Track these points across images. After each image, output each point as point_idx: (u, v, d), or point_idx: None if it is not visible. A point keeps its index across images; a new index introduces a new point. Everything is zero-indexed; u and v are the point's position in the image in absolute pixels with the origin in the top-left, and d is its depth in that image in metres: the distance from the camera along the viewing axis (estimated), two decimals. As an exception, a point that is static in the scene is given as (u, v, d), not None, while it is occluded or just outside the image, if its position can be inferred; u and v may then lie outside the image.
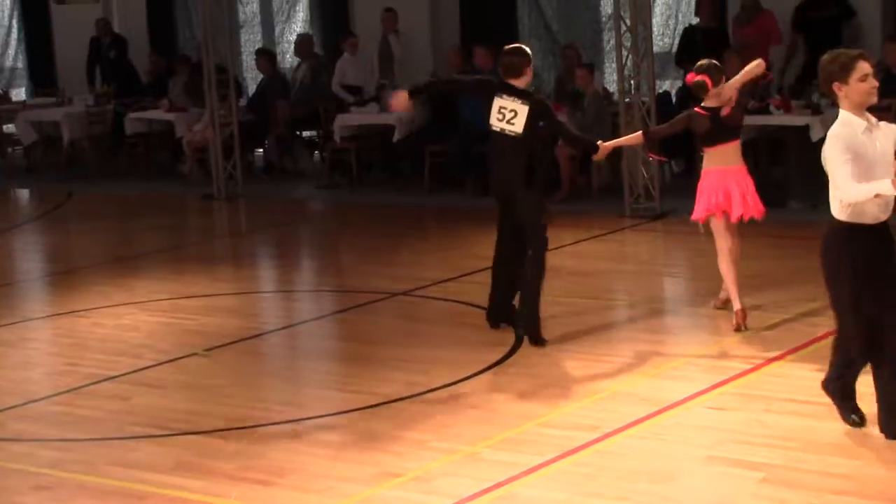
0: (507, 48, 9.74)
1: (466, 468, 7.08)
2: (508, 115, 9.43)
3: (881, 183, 6.55)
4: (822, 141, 6.95)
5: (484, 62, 16.00)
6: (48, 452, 7.70)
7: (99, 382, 9.00)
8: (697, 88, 9.64)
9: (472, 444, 7.39)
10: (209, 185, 16.84)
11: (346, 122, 16.89)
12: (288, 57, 19.70)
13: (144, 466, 7.36)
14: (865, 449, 6.95)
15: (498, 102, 9.50)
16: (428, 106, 16.56)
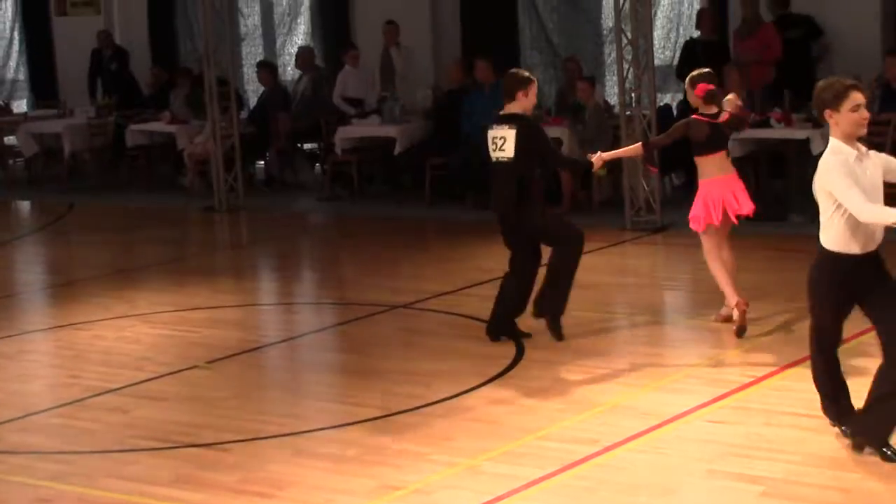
0: (506, 73, 9.81)
1: (467, 481, 7.07)
2: (499, 142, 9.53)
3: (893, 211, 6.50)
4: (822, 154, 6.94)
5: (485, 75, 16.02)
6: (48, 465, 7.70)
7: (99, 395, 9.00)
8: (711, 97, 9.74)
9: (472, 456, 7.39)
10: (210, 197, 16.85)
11: (347, 134, 16.90)
12: (289, 69, 19.70)
13: (144, 479, 7.35)
14: (865, 462, 6.95)
15: (490, 134, 9.61)
16: (431, 120, 16.61)
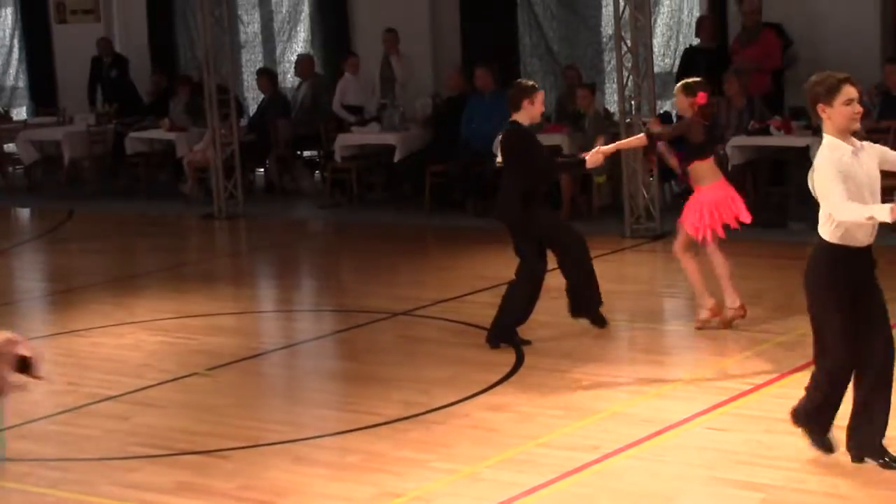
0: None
1: (466, 488, 7.07)
2: (497, 150, 9.91)
3: (879, 207, 6.44)
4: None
5: (484, 83, 16.03)
6: (48, 472, 7.69)
7: (99, 402, 8.99)
8: (712, 106, 9.96)
9: (472, 464, 7.39)
10: (210, 204, 16.86)
11: (346, 141, 16.91)
12: (289, 77, 19.72)
13: (144, 486, 7.35)
14: (866, 469, 6.94)
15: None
16: (430, 127, 16.62)
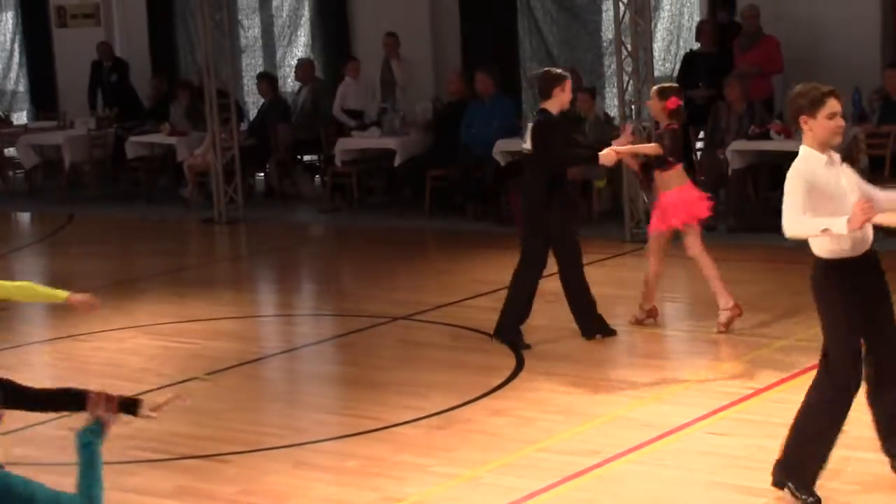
0: (539, 73, 10.26)
1: (467, 493, 7.06)
2: (526, 134, 9.97)
3: (836, 219, 6.09)
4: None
5: (485, 87, 16.02)
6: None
7: (99, 406, 8.97)
8: (678, 113, 10.15)
9: (472, 468, 7.39)
10: (210, 208, 16.85)
11: (347, 146, 16.91)
12: (289, 81, 19.70)
13: (144, 491, 7.34)
14: (867, 474, 6.94)
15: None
16: (431, 132, 16.62)
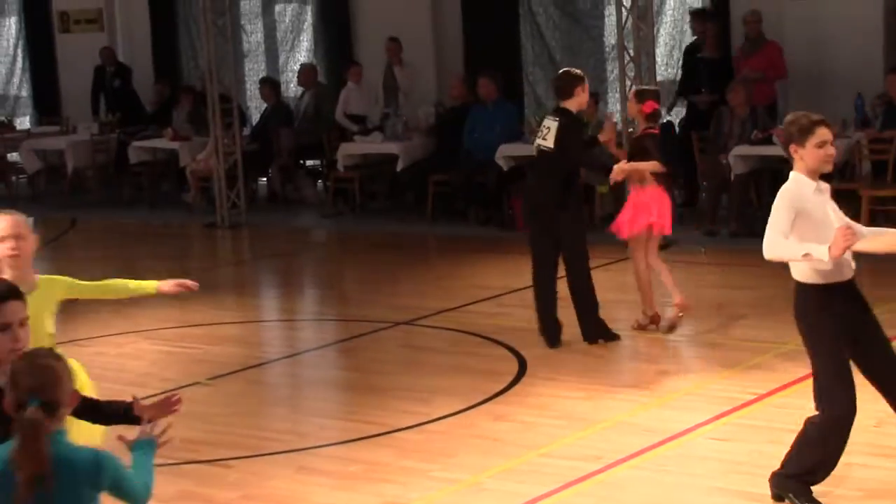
0: (558, 73, 10.39)
1: (469, 498, 7.06)
2: (545, 131, 9.98)
3: (817, 246, 6.05)
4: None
5: (487, 92, 16.04)
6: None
7: (101, 411, 8.97)
8: (657, 116, 10.42)
9: (474, 473, 7.38)
10: (213, 213, 16.86)
11: (349, 151, 16.91)
12: (292, 86, 19.72)
13: (146, 495, 7.33)
14: (870, 480, 6.94)
15: (543, 123, 10.15)
16: (433, 137, 16.62)
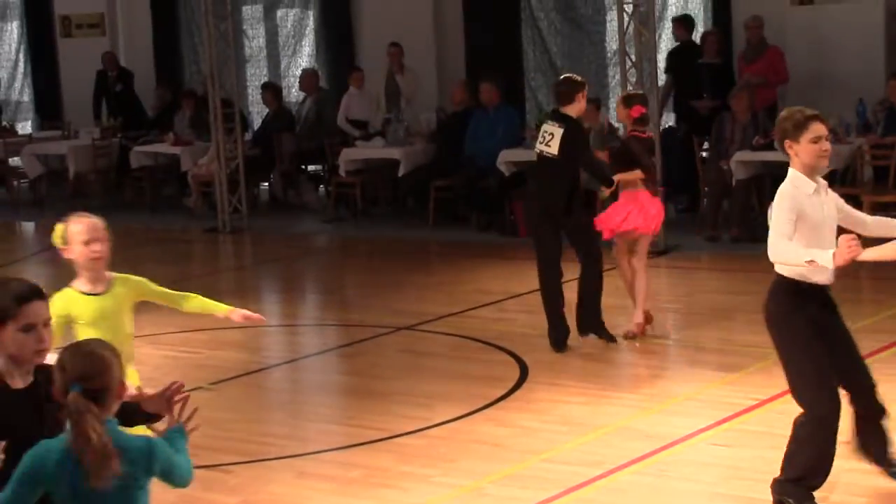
0: (559, 79, 10.49)
1: (470, 504, 7.07)
2: (547, 137, 10.01)
3: (822, 252, 5.99)
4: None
5: (489, 97, 16.05)
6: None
7: (103, 416, 8.97)
8: (644, 120, 10.41)
9: (475, 479, 7.38)
10: (214, 218, 16.87)
11: (351, 156, 16.92)
12: (293, 91, 19.74)
13: (147, 500, 7.33)
14: (869, 486, 6.93)
15: (543, 128, 10.16)
16: (435, 142, 16.63)
